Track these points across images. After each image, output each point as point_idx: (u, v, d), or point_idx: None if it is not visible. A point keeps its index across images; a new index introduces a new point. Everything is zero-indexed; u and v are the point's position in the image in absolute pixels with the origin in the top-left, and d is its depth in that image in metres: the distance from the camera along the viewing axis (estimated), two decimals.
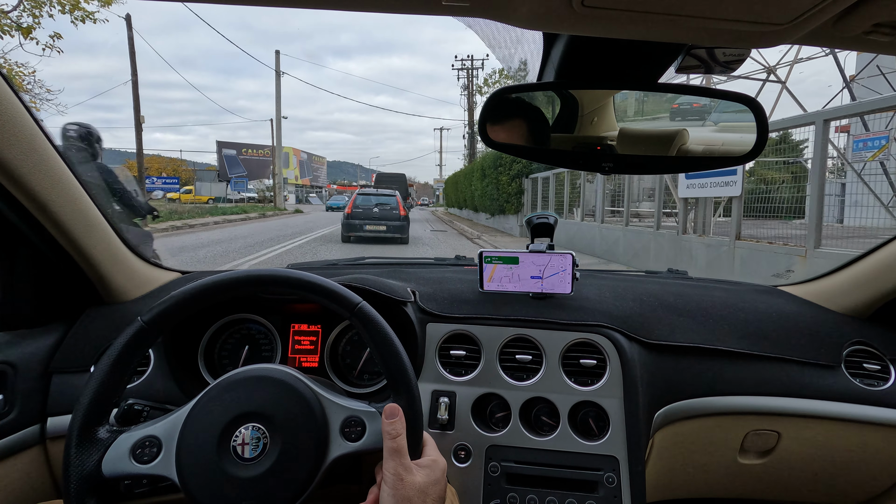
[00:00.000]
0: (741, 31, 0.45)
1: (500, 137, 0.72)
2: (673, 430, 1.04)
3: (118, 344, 0.67)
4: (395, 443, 0.64)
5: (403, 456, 0.64)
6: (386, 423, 0.65)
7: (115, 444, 0.64)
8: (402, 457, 0.64)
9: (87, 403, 0.64)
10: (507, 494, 0.93)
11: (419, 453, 0.69)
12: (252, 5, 0.43)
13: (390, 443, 0.64)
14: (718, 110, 0.74)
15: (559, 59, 0.62)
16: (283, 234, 10.69)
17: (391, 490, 0.62)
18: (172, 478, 0.63)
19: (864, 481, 1.11)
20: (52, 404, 0.96)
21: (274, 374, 0.69)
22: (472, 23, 0.54)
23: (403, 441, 0.65)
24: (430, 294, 1.11)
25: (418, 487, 0.63)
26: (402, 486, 0.62)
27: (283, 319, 1.11)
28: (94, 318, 1.06)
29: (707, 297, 1.19)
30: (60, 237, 0.92)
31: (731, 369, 1.05)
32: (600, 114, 0.74)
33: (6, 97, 0.75)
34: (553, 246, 1.11)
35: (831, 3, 0.39)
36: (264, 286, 0.72)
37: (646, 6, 0.40)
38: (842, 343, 1.10)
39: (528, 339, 1.03)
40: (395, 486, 0.62)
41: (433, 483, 0.65)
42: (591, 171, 0.73)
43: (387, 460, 0.64)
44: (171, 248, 9.02)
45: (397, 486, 0.62)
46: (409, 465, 0.64)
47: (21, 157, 0.78)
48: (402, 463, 0.63)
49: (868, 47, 0.48)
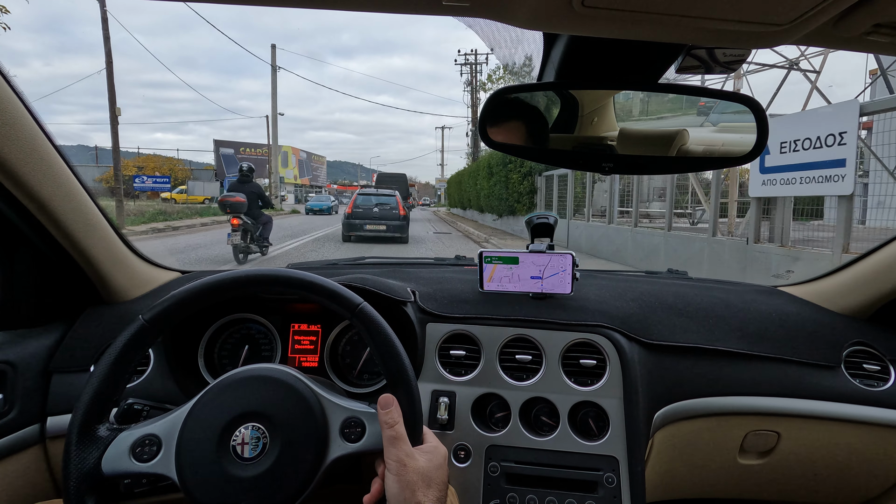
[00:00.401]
0: (741, 32, 0.45)
1: (501, 138, 0.72)
2: (673, 430, 1.04)
3: (119, 342, 0.67)
4: (393, 431, 0.64)
5: (404, 442, 0.64)
6: (382, 414, 0.65)
7: (114, 443, 0.64)
8: (403, 443, 0.64)
9: (88, 401, 0.64)
10: (506, 494, 0.93)
11: (420, 440, 0.69)
12: (252, 5, 0.43)
13: (389, 431, 0.64)
14: (718, 111, 0.75)
15: (559, 59, 0.62)
16: (276, 236, 10.40)
17: (395, 476, 0.62)
18: (172, 476, 0.63)
19: (864, 482, 1.11)
20: (52, 404, 0.96)
21: (275, 374, 0.69)
22: (473, 23, 0.54)
23: (402, 428, 0.65)
24: (430, 294, 1.11)
25: (421, 472, 0.63)
26: (405, 471, 0.62)
27: (283, 319, 1.11)
28: (93, 317, 1.06)
29: (707, 298, 1.19)
30: (60, 237, 0.92)
31: (730, 369, 1.05)
32: (600, 114, 0.74)
33: (7, 97, 0.75)
34: (553, 246, 1.11)
35: (831, 4, 0.39)
36: (266, 286, 0.72)
37: (646, 6, 0.40)
38: (842, 343, 1.10)
39: (527, 339, 1.03)
40: (399, 472, 0.62)
41: (436, 468, 0.65)
42: (591, 171, 0.73)
43: (387, 449, 0.63)
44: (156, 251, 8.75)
45: (401, 472, 0.62)
46: (410, 451, 0.64)
47: (22, 157, 0.78)
48: (403, 449, 0.63)
49: (868, 48, 0.48)
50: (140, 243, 7.88)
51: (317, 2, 0.42)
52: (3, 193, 0.81)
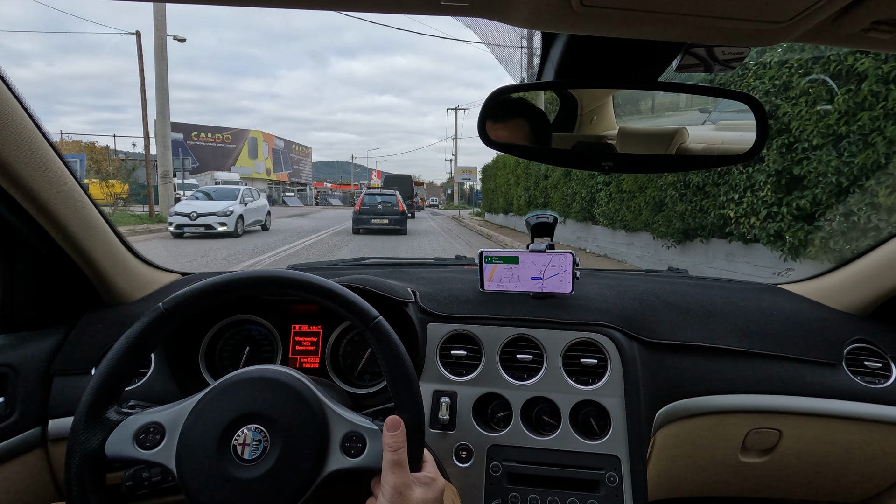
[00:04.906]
0: (740, 30, 0.45)
1: (501, 137, 0.72)
2: (674, 428, 1.04)
3: (137, 327, 0.67)
4: (395, 455, 0.63)
5: (404, 469, 0.63)
6: (387, 436, 0.64)
7: (120, 427, 0.64)
8: (403, 470, 0.63)
9: (100, 382, 0.64)
10: (508, 494, 0.93)
11: (419, 467, 0.68)
12: (252, 6, 0.43)
13: (391, 455, 0.63)
14: (718, 109, 0.74)
15: (559, 58, 0.62)
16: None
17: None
18: (171, 467, 0.63)
19: (865, 479, 1.11)
20: (53, 406, 0.96)
21: (283, 377, 0.68)
22: (472, 23, 0.54)
23: (404, 454, 0.64)
24: (431, 294, 1.11)
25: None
26: (400, 500, 0.61)
27: (284, 320, 1.11)
28: (94, 319, 1.06)
29: (708, 296, 1.19)
30: (61, 239, 0.92)
31: (731, 368, 1.05)
32: (600, 113, 0.74)
33: (6, 100, 0.75)
34: (553, 245, 1.11)
35: (830, 1, 0.39)
36: (284, 288, 0.71)
37: (645, 5, 0.40)
38: (843, 341, 1.10)
39: (528, 338, 1.03)
40: (393, 500, 0.61)
41: (431, 501, 0.64)
42: (591, 170, 0.73)
43: (386, 473, 0.62)
44: None
45: (395, 501, 0.61)
46: (408, 481, 0.63)
47: (22, 159, 0.78)
48: (402, 477, 0.62)
49: (868, 45, 0.48)
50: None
51: (317, 2, 0.42)
52: (3, 196, 0.81)
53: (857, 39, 0.47)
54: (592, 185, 8.76)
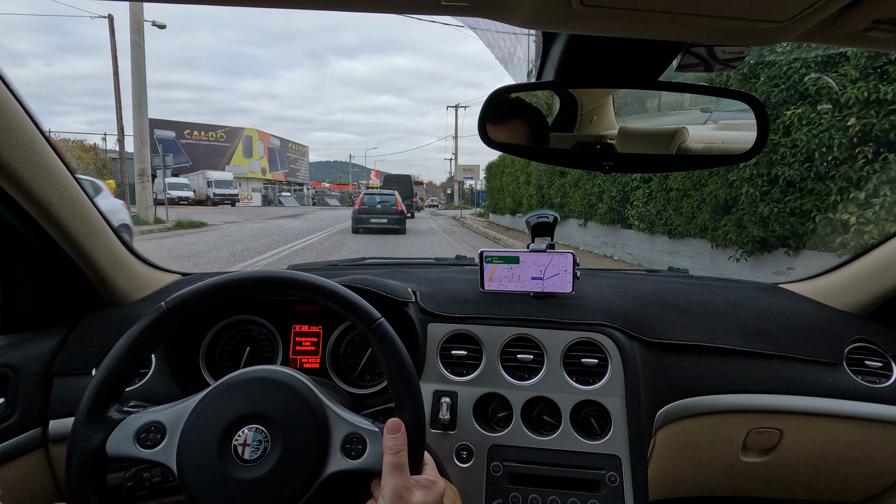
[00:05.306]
0: (740, 29, 0.45)
1: (500, 137, 0.72)
2: (675, 428, 1.04)
3: (139, 326, 0.67)
4: (396, 458, 0.63)
5: (404, 472, 0.63)
6: (388, 438, 0.64)
7: (121, 426, 0.64)
8: (403, 473, 0.63)
9: (102, 380, 0.64)
10: (509, 494, 0.93)
11: (420, 469, 0.68)
12: (252, 6, 0.43)
13: (391, 458, 0.63)
14: (719, 108, 0.74)
15: (559, 58, 0.62)
16: None
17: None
18: (172, 467, 0.63)
19: (866, 478, 1.11)
20: (54, 407, 0.96)
21: (283, 377, 0.68)
22: (472, 22, 0.54)
23: (405, 457, 0.64)
24: (431, 294, 1.11)
25: None
26: (400, 503, 0.61)
27: (284, 321, 1.11)
28: (95, 320, 1.06)
29: (708, 296, 1.19)
30: (61, 240, 0.92)
31: (732, 367, 1.05)
32: (600, 112, 0.74)
33: (6, 101, 0.75)
34: (553, 245, 1.11)
35: (830, 1, 0.39)
36: (285, 288, 0.71)
37: (645, 5, 0.40)
38: (843, 340, 1.10)
39: (529, 338, 1.03)
40: (393, 503, 0.61)
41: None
42: (591, 170, 0.73)
43: (386, 476, 0.62)
44: None
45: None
46: (408, 484, 0.63)
47: (22, 160, 0.78)
48: (402, 481, 0.62)
49: (868, 44, 0.48)
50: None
51: (317, 2, 0.42)
52: (4, 197, 0.81)
53: (858, 39, 0.47)
54: (626, 183, 7.27)
